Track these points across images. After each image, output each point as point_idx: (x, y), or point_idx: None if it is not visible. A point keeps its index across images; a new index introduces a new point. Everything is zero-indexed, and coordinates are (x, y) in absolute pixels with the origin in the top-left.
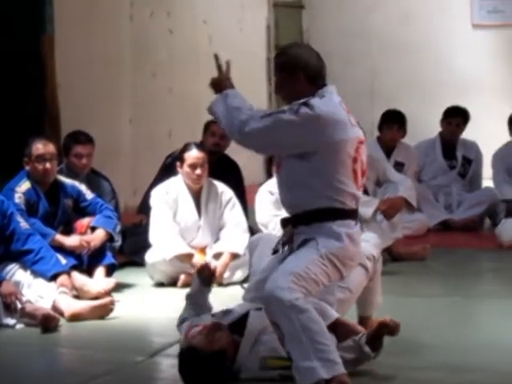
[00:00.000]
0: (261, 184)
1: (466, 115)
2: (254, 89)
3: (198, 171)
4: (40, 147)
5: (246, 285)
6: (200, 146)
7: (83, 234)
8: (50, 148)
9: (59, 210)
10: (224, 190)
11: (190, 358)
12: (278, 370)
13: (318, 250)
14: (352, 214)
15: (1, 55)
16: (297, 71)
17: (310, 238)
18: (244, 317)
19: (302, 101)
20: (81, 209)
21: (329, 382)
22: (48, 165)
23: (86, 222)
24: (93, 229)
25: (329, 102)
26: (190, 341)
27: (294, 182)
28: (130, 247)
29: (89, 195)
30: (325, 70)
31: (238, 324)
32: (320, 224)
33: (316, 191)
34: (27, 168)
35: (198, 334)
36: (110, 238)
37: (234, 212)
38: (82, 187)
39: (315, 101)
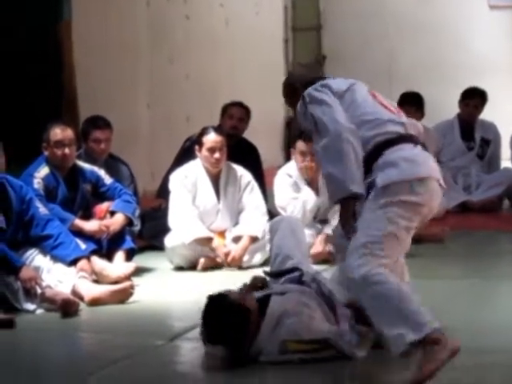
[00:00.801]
0: (279, 167)
1: (484, 96)
2: (272, 71)
3: (217, 155)
4: (58, 132)
5: (267, 269)
6: (218, 129)
7: (102, 218)
8: (69, 133)
9: (78, 195)
10: (243, 174)
11: (218, 302)
12: (298, 353)
13: (377, 201)
14: (403, 139)
15: (19, 41)
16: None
17: (371, 182)
18: (267, 298)
19: (305, 104)
20: (100, 194)
21: (423, 342)
22: (67, 150)
23: (104, 206)
24: (112, 213)
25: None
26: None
27: None
28: (149, 231)
29: (107, 180)
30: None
31: (261, 303)
32: (375, 164)
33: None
34: (46, 153)
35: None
36: (130, 223)
37: (252, 195)
38: (101, 172)
39: (307, 93)
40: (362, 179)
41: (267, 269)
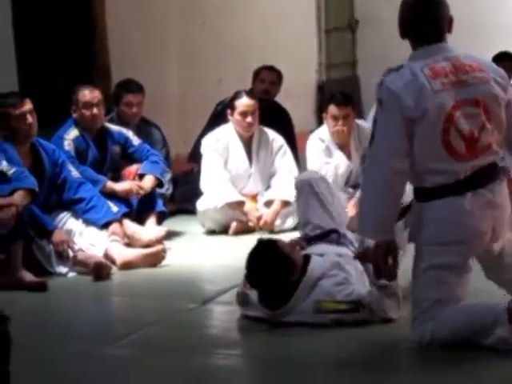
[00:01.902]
0: (312, 131)
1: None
2: (304, 35)
3: (249, 119)
4: (86, 93)
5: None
6: (250, 93)
7: (132, 180)
8: (97, 94)
9: (107, 157)
10: (275, 138)
11: (268, 247)
12: (331, 313)
13: (422, 261)
14: (448, 190)
15: (50, 3)
16: (406, 33)
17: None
18: (308, 258)
19: (379, 95)
20: (128, 155)
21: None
22: (95, 110)
23: (134, 168)
24: (140, 176)
25: (398, 79)
26: None
27: None
28: (181, 195)
29: (135, 141)
30: (433, 23)
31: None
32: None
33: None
34: (75, 115)
35: None
36: (159, 184)
37: (284, 159)
38: (129, 133)
39: (383, 88)
40: (394, 223)
41: (299, 233)
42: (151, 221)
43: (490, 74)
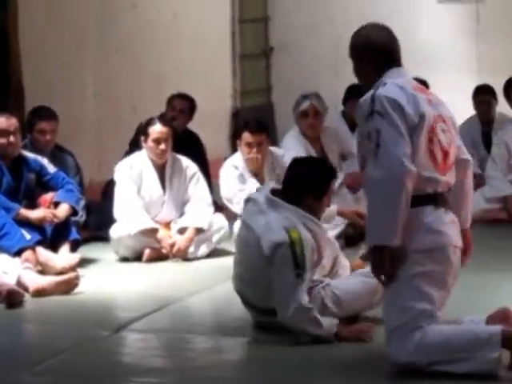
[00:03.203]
0: (226, 158)
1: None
2: (219, 62)
3: (162, 146)
4: (3, 121)
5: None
6: (164, 120)
7: (47, 208)
8: (13, 122)
9: (22, 185)
10: (188, 165)
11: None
12: None
13: (405, 269)
14: (430, 199)
15: None
16: (364, 56)
17: None
18: None
19: (374, 109)
20: (43, 183)
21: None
22: (12, 138)
23: (49, 196)
24: (56, 204)
25: (390, 91)
26: None
27: None
28: (94, 222)
29: (51, 169)
30: (396, 51)
31: None
32: None
33: None
34: None
35: None
36: (74, 212)
37: (198, 186)
38: (45, 161)
39: (380, 100)
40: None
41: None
42: (65, 248)
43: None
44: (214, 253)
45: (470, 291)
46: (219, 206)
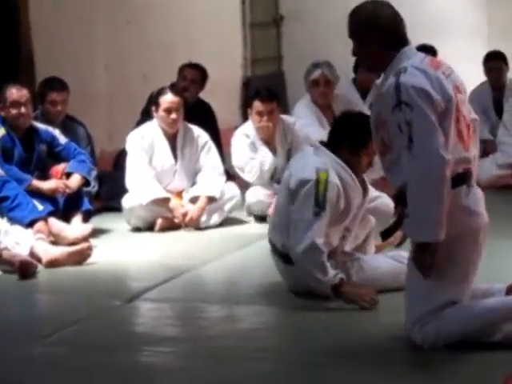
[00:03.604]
0: (237, 127)
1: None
2: (229, 30)
3: (174, 115)
4: (14, 92)
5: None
6: (175, 90)
7: (59, 179)
8: (25, 93)
9: (34, 156)
10: (200, 134)
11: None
12: None
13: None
14: (462, 179)
15: None
16: (370, 36)
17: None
18: None
19: (401, 99)
20: (55, 154)
21: None
22: (23, 109)
23: (61, 167)
24: (67, 175)
25: (415, 77)
26: None
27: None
28: (106, 192)
29: (62, 140)
30: (403, 27)
31: None
32: None
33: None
34: (2, 114)
35: None
36: (86, 182)
37: (209, 156)
38: (56, 132)
39: (407, 90)
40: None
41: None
42: (77, 219)
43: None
44: (227, 221)
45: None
46: (231, 175)
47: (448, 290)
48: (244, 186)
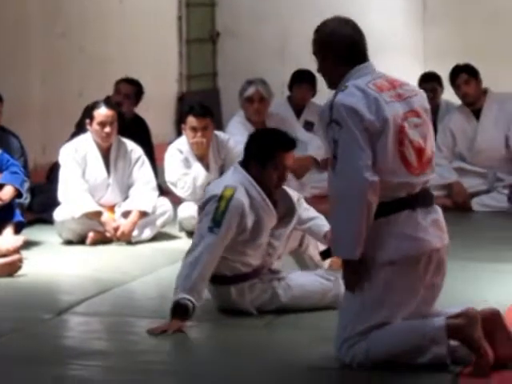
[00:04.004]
0: (171, 142)
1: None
2: (165, 46)
3: (107, 129)
4: None
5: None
6: (109, 103)
7: None
8: None
9: None
10: (133, 148)
11: None
12: None
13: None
14: (404, 204)
15: None
16: (327, 52)
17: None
18: None
19: (332, 118)
20: None
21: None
22: None
23: None
24: (0, 186)
25: (350, 96)
26: None
27: None
28: (38, 205)
29: None
30: (362, 44)
31: None
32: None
33: None
34: None
35: None
36: (18, 194)
37: (142, 170)
38: None
39: (338, 108)
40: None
41: (156, 244)
42: (8, 230)
43: (416, 88)
44: (158, 236)
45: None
46: (164, 190)
47: (379, 314)
48: (177, 201)
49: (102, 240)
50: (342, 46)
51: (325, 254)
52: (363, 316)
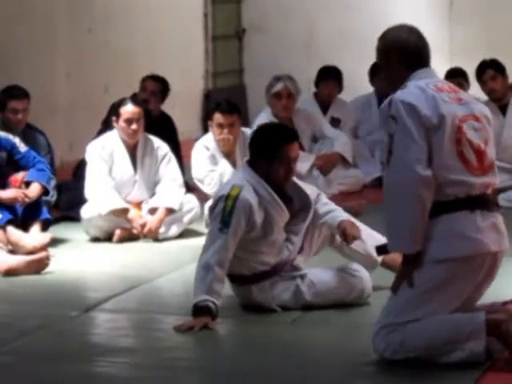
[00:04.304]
0: (197, 139)
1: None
2: (191, 43)
3: (134, 126)
4: None
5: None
6: (136, 100)
7: (18, 188)
8: None
9: None
10: (160, 145)
11: None
12: None
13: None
14: (462, 204)
15: None
16: (391, 57)
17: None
18: None
19: (390, 113)
20: (14, 161)
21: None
22: None
23: (20, 176)
24: (27, 184)
25: (408, 93)
26: None
27: None
28: (65, 202)
29: (22, 148)
30: (425, 50)
31: None
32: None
33: None
34: None
35: None
36: (45, 192)
37: (169, 167)
38: (16, 140)
39: (396, 104)
40: (422, 234)
41: (183, 241)
42: (36, 228)
43: (478, 98)
44: (185, 233)
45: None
46: (190, 187)
47: (425, 309)
48: (203, 198)
49: (129, 237)
50: (406, 52)
51: (381, 250)
52: (410, 307)
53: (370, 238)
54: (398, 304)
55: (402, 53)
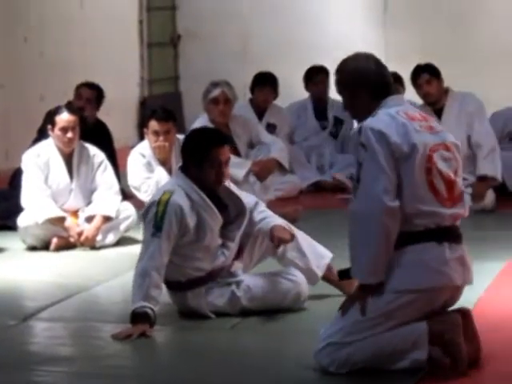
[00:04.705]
0: (133, 146)
1: (328, 73)
2: (127, 51)
3: (69, 134)
4: None
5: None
6: (71, 108)
7: None
8: None
9: None
10: (95, 153)
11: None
12: None
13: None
14: (432, 235)
15: None
16: (358, 90)
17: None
18: None
19: (360, 141)
20: None
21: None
22: None
23: None
24: None
25: (377, 121)
26: None
27: None
28: (2, 211)
29: None
30: (387, 77)
31: None
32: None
33: None
34: None
35: None
36: None
37: (105, 175)
38: None
39: (365, 131)
40: (385, 265)
41: (120, 249)
42: None
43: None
44: (122, 241)
45: None
46: (127, 195)
47: (371, 333)
48: (140, 205)
49: (66, 245)
50: (372, 86)
51: (343, 274)
52: (358, 329)
53: (311, 248)
54: (347, 325)
55: (368, 87)
